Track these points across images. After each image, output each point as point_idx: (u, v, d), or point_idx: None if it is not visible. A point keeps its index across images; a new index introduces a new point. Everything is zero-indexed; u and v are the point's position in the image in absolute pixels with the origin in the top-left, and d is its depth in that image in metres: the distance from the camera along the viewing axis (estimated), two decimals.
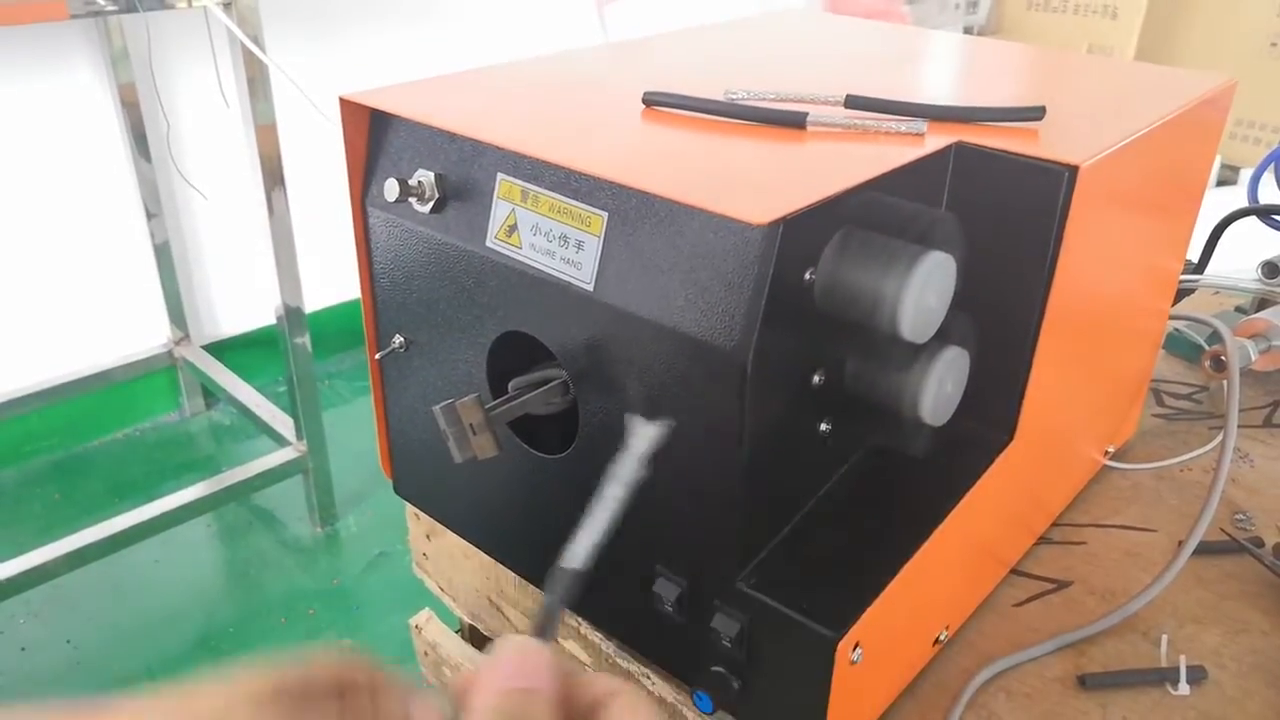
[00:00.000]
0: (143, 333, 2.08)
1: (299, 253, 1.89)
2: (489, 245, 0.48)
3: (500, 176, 0.47)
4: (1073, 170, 0.45)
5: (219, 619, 1.68)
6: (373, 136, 0.53)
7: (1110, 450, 0.69)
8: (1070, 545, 0.63)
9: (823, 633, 0.42)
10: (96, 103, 1.87)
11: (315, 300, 2.16)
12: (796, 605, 0.43)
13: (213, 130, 2.00)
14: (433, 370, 0.55)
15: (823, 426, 0.46)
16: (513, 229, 0.47)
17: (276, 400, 1.94)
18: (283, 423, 1.86)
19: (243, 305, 2.21)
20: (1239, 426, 0.64)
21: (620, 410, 0.45)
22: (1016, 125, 0.51)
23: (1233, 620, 0.57)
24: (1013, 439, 0.51)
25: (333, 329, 2.23)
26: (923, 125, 0.48)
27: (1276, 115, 2.64)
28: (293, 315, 1.72)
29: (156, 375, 2.12)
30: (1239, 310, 0.87)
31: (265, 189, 1.66)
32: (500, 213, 0.48)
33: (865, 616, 0.43)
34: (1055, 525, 0.65)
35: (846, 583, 0.44)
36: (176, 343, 2.10)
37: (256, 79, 1.60)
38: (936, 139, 0.48)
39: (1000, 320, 0.49)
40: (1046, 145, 0.48)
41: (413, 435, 0.59)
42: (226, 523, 1.89)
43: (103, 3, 1.48)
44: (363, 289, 0.56)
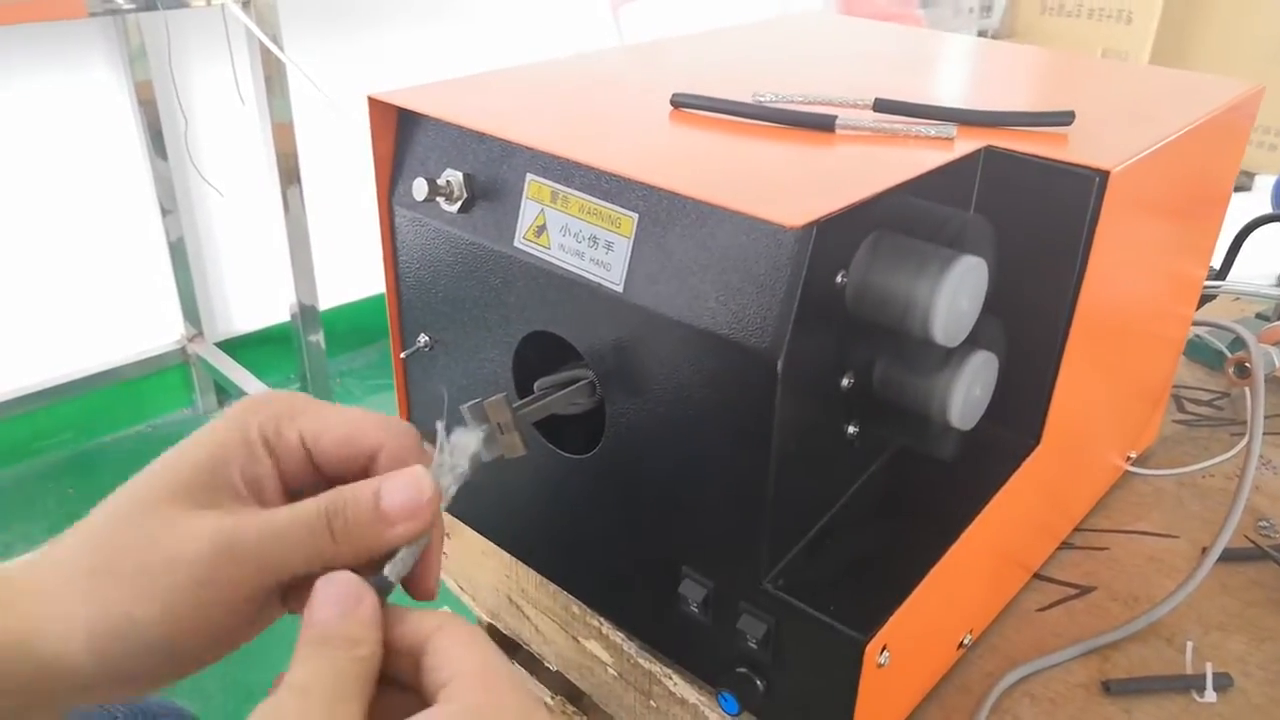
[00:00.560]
0: (157, 329, 2.09)
1: (313, 250, 1.90)
2: (517, 245, 0.48)
3: (530, 177, 0.47)
4: (1104, 175, 0.45)
5: None
6: (400, 136, 0.53)
7: (1132, 456, 0.69)
8: (1093, 550, 0.63)
9: (851, 635, 0.42)
10: (113, 100, 1.87)
11: (329, 298, 2.17)
12: (824, 607, 0.43)
13: (229, 128, 2.01)
14: (458, 369, 0.55)
15: (850, 429, 0.46)
16: (541, 229, 0.47)
17: None
18: None
19: (257, 302, 2.21)
20: (1263, 434, 0.64)
21: (648, 411, 0.45)
22: (1046, 130, 0.50)
23: (1258, 628, 0.57)
24: (1039, 443, 0.51)
25: (346, 327, 2.24)
26: (952, 129, 0.48)
27: None
28: (307, 313, 1.73)
29: (170, 372, 2.12)
30: (1260, 317, 0.87)
31: (281, 186, 1.67)
32: (529, 213, 0.48)
33: (893, 619, 0.43)
34: (1077, 530, 0.65)
35: (874, 585, 0.44)
36: (190, 339, 2.11)
37: (274, 77, 1.61)
38: (966, 143, 0.48)
39: (1028, 324, 0.49)
40: (1076, 150, 0.48)
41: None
42: None
43: (121, 1, 1.49)
44: (388, 287, 0.56)
